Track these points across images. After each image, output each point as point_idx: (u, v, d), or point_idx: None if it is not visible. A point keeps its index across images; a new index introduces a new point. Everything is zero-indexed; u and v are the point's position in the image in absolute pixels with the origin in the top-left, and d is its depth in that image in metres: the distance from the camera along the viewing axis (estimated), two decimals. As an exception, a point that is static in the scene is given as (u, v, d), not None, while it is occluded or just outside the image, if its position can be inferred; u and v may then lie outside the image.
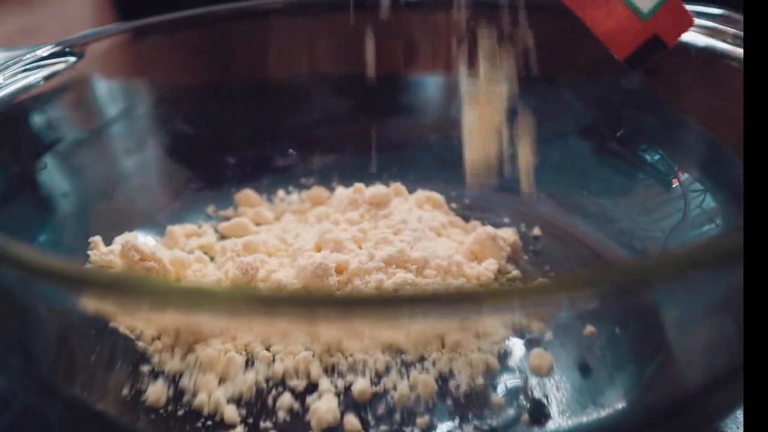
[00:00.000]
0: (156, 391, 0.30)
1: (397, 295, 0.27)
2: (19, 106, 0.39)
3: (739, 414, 0.31)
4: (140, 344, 0.33)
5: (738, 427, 0.31)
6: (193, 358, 0.32)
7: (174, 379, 0.31)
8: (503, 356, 0.32)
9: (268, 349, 0.32)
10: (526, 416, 0.29)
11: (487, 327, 0.32)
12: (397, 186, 0.45)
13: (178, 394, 0.30)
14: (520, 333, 0.33)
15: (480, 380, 0.31)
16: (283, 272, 0.38)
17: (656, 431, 0.27)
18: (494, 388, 0.31)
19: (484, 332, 0.32)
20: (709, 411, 0.28)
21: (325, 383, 0.31)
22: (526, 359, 0.32)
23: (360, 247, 0.39)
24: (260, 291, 0.32)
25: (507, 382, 0.31)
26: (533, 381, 0.31)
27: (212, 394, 0.30)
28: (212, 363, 0.31)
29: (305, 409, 0.30)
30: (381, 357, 0.32)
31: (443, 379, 0.31)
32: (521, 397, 0.30)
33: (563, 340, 0.32)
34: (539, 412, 0.29)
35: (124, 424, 0.29)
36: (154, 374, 0.31)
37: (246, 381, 0.31)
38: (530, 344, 0.32)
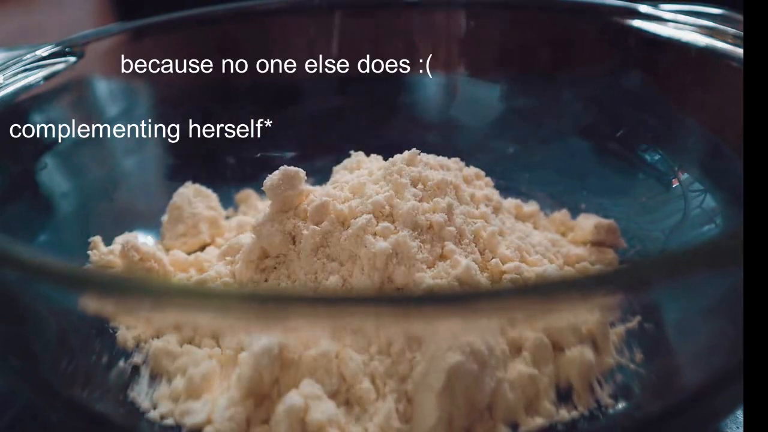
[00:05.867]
0: (158, 393, 0.30)
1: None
2: (19, 106, 0.39)
3: (739, 414, 0.31)
4: (141, 344, 0.33)
5: (738, 427, 0.31)
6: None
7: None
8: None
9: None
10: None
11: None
12: None
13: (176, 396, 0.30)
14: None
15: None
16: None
17: (657, 431, 0.27)
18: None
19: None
20: (709, 411, 0.28)
21: None
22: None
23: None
24: (260, 291, 0.32)
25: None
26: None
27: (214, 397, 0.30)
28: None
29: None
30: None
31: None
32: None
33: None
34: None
35: (123, 424, 0.29)
36: (154, 375, 0.31)
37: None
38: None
